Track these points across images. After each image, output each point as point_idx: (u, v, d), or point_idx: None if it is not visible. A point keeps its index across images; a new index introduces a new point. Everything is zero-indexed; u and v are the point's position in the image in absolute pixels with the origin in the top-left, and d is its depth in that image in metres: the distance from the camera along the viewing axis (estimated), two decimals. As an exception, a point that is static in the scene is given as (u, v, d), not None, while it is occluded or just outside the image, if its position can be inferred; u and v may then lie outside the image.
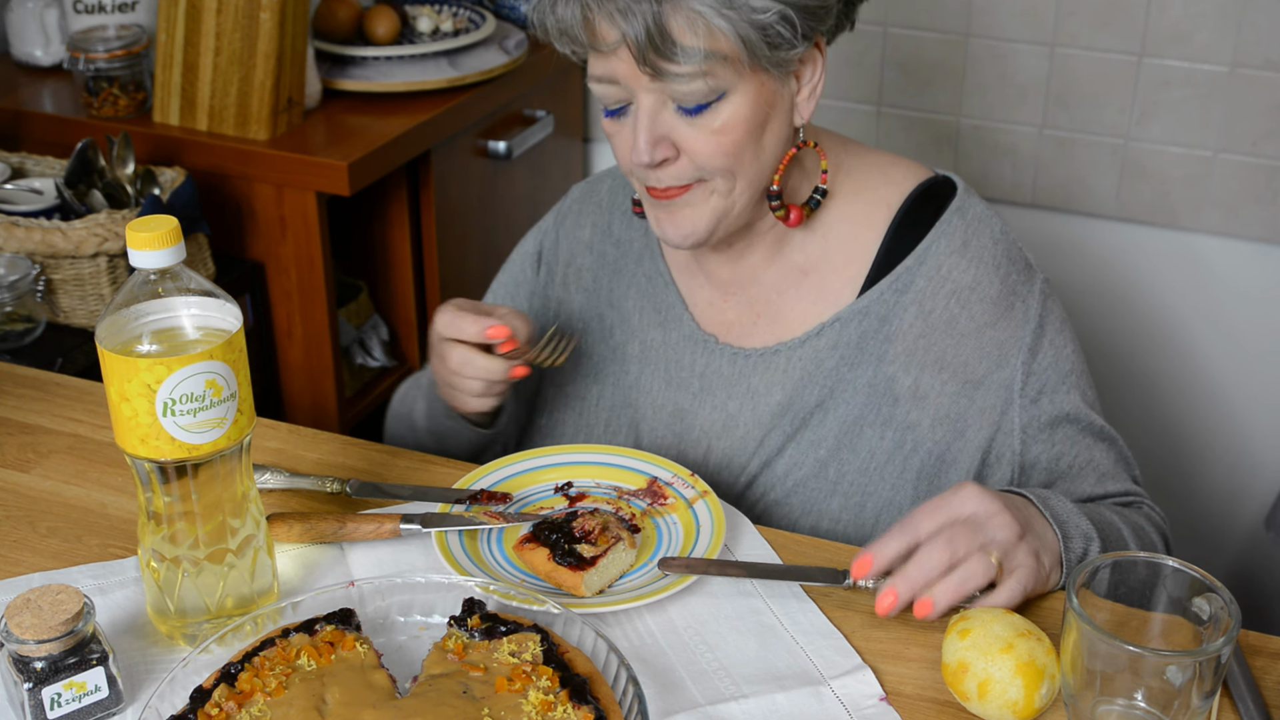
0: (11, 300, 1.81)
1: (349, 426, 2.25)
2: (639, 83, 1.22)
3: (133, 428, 0.99)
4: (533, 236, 1.57)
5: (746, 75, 1.22)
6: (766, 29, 1.19)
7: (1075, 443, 1.34)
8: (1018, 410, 1.33)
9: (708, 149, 1.24)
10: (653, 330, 1.44)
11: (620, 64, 1.21)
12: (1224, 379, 2.49)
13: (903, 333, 1.33)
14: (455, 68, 2.27)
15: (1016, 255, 1.36)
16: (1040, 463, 1.34)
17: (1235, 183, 2.35)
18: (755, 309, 1.40)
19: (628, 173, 1.31)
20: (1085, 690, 0.97)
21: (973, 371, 1.32)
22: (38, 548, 1.21)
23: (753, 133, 1.25)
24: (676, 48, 1.17)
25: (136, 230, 0.97)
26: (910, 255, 1.35)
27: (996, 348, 1.32)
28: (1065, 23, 2.36)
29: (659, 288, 1.45)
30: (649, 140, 1.23)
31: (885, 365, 1.33)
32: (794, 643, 1.09)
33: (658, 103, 1.23)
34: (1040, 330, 1.33)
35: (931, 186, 1.38)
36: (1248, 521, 2.54)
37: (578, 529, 1.16)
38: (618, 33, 1.19)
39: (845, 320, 1.35)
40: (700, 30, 1.17)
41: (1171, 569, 1.00)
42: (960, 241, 1.34)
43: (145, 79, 2.15)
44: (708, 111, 1.22)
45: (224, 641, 1.02)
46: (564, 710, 0.94)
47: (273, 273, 2.12)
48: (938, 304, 1.33)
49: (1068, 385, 1.34)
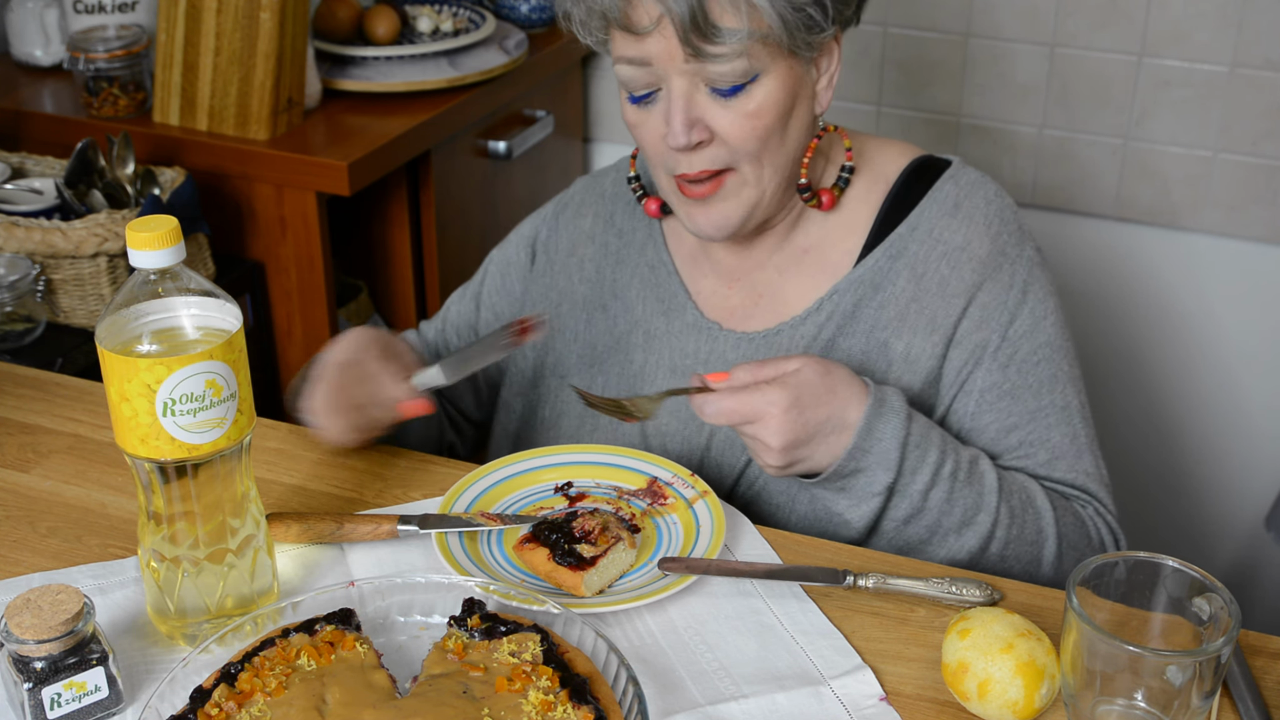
0: (11, 300, 1.81)
1: (349, 426, 2.25)
2: (673, 64, 1.23)
3: (133, 428, 0.99)
4: (530, 222, 1.58)
5: (779, 58, 1.24)
6: (803, 10, 1.21)
7: (1033, 418, 1.34)
8: (984, 371, 1.33)
9: (742, 131, 1.25)
10: (656, 319, 1.45)
11: (656, 45, 1.22)
12: (1224, 379, 2.49)
13: (895, 298, 1.35)
14: (455, 68, 2.27)
15: (1010, 218, 1.37)
16: (988, 431, 1.34)
17: (1235, 183, 2.35)
18: (758, 292, 1.42)
19: (654, 164, 1.31)
20: (1085, 690, 0.97)
21: (958, 331, 1.34)
22: (38, 548, 1.21)
23: (782, 117, 1.27)
24: (719, 28, 1.19)
25: (136, 230, 0.97)
26: (903, 223, 1.37)
27: (980, 309, 1.34)
28: (1065, 23, 2.36)
29: (662, 277, 1.46)
30: (684, 122, 1.24)
31: (879, 331, 1.35)
32: (794, 643, 1.09)
33: (690, 85, 1.24)
34: (1023, 296, 1.34)
35: (928, 161, 1.41)
36: (1248, 521, 2.54)
37: (578, 529, 1.16)
38: (658, 10, 1.20)
39: (841, 291, 1.37)
40: (742, 9, 1.19)
41: (1171, 569, 1.00)
42: (952, 204, 1.36)
43: (145, 79, 2.15)
44: (741, 94, 1.24)
45: (224, 641, 1.02)
46: (564, 710, 0.94)
47: (273, 273, 2.12)
48: (929, 267, 1.35)
49: (1039, 356, 1.34)
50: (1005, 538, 1.27)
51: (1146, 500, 2.60)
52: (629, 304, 1.47)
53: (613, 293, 1.48)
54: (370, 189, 2.22)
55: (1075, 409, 1.35)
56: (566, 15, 1.30)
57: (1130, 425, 2.55)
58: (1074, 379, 1.37)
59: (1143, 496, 2.60)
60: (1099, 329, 2.53)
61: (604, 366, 1.47)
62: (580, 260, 1.51)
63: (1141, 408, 2.54)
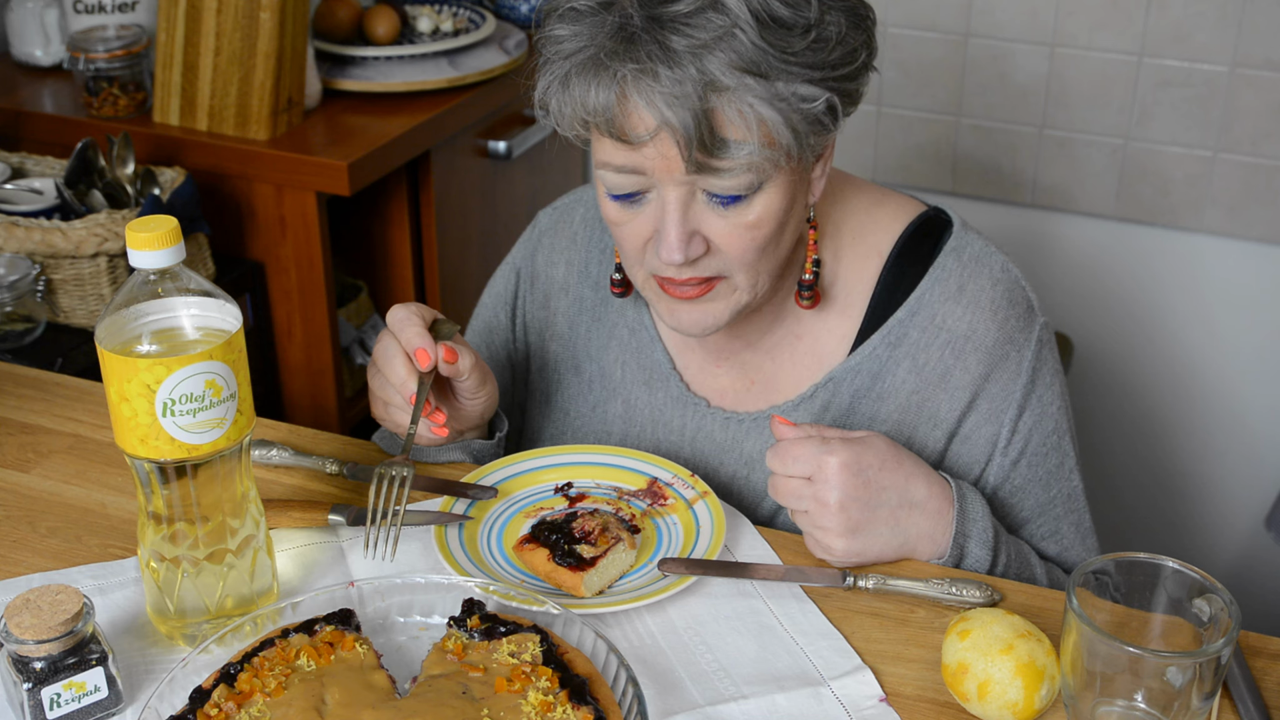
0: (11, 300, 1.81)
1: (349, 426, 2.25)
2: (670, 175, 1.12)
3: (132, 428, 0.99)
4: (503, 276, 1.47)
5: (784, 165, 1.14)
6: (815, 120, 1.11)
7: (1043, 511, 1.31)
8: (995, 468, 1.30)
9: (740, 243, 1.16)
10: (637, 388, 1.38)
11: (651, 154, 1.11)
12: (1224, 379, 2.49)
13: (895, 390, 1.29)
14: (455, 68, 2.27)
15: (1018, 297, 1.29)
16: (1003, 522, 1.31)
17: (1235, 183, 2.35)
18: (749, 374, 1.35)
19: (632, 261, 1.21)
20: (1085, 691, 0.97)
21: (963, 426, 1.29)
22: (38, 548, 1.21)
23: (782, 225, 1.17)
24: (726, 141, 1.09)
25: (136, 230, 0.97)
26: (903, 307, 1.28)
27: (988, 402, 1.28)
28: (1065, 23, 2.36)
29: (644, 343, 1.37)
30: (681, 237, 1.14)
31: (878, 426, 1.30)
32: (794, 643, 1.09)
33: (687, 194, 1.14)
34: (1031, 386, 1.29)
35: (923, 225, 1.31)
36: (1248, 521, 2.54)
37: (577, 529, 1.15)
38: (655, 121, 1.08)
39: (838, 380, 1.30)
40: (752, 122, 1.08)
41: (1171, 570, 1.00)
42: (955, 286, 1.28)
43: (145, 79, 2.15)
44: (741, 204, 1.14)
45: (224, 642, 1.02)
46: (563, 711, 0.94)
47: (273, 273, 2.12)
48: (931, 356, 1.28)
49: (1047, 447, 1.30)
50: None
51: (1147, 500, 2.60)
52: (606, 369, 1.39)
53: (587, 354, 1.40)
54: (370, 189, 2.22)
55: (1079, 493, 1.33)
56: (543, 105, 1.16)
57: (1130, 425, 2.55)
58: (1075, 457, 1.33)
59: (1143, 497, 2.60)
60: (1099, 329, 2.53)
61: (579, 437, 1.39)
62: (552, 314, 1.41)
63: (1142, 408, 2.54)
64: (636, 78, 1.08)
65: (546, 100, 1.16)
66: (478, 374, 1.25)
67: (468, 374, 1.24)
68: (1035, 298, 1.31)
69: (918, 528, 1.17)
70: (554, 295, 1.43)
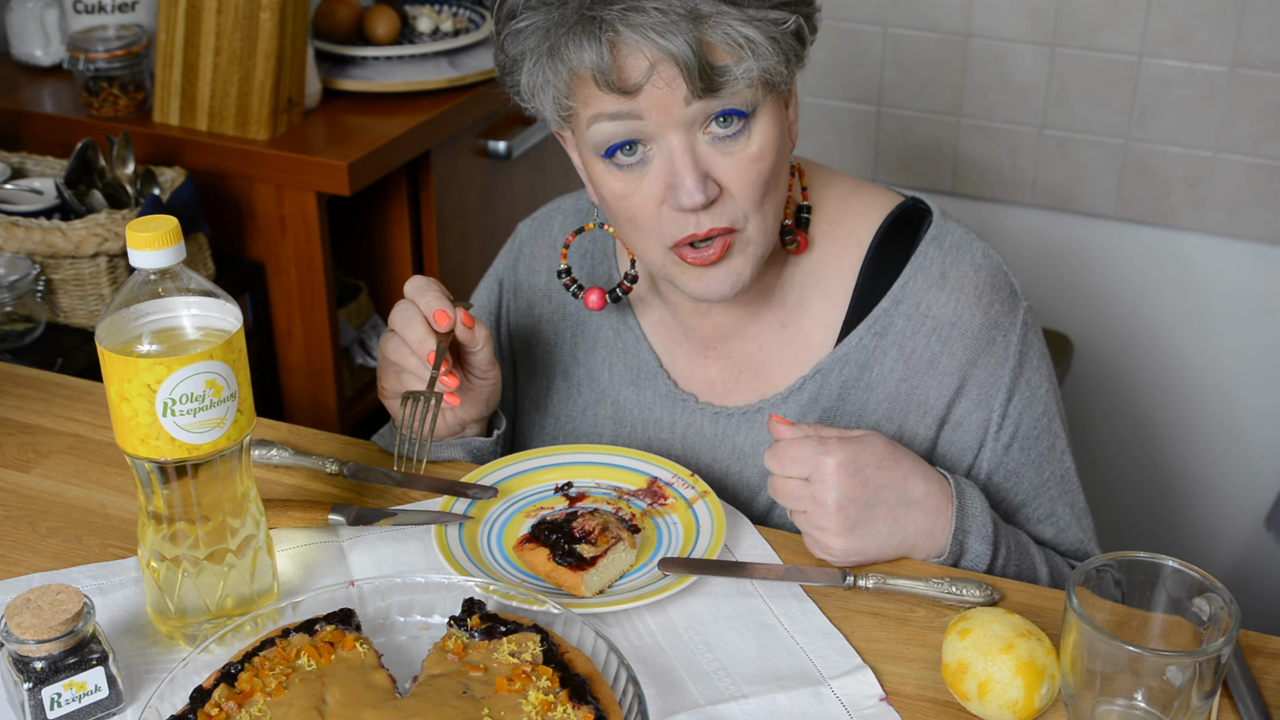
0: (11, 300, 1.81)
1: (349, 426, 2.25)
2: (668, 117, 1.14)
3: (133, 428, 0.99)
4: (487, 288, 1.48)
5: (768, 94, 1.16)
6: (786, 40, 1.14)
7: (1037, 494, 1.32)
8: (988, 454, 1.30)
9: (748, 177, 1.17)
10: (625, 389, 1.38)
11: (649, 98, 1.13)
12: (1224, 379, 2.49)
13: (884, 379, 1.29)
14: (455, 68, 2.27)
15: (1001, 282, 1.30)
16: (996, 510, 1.31)
17: (1235, 183, 2.35)
18: (737, 365, 1.35)
19: (645, 237, 1.21)
20: (1085, 690, 0.97)
21: (953, 413, 1.30)
22: (38, 548, 1.21)
23: (779, 157, 1.19)
24: (723, 67, 1.12)
25: (136, 230, 0.97)
26: (887, 295, 1.29)
27: (977, 387, 1.29)
28: (1065, 23, 2.36)
29: (629, 343, 1.38)
30: (697, 178, 1.15)
31: (868, 416, 1.30)
32: (794, 643, 1.09)
33: (689, 138, 1.15)
34: (1019, 370, 1.29)
35: (902, 215, 1.32)
36: (1248, 521, 2.54)
37: (578, 529, 1.16)
38: (653, 56, 1.11)
39: (826, 371, 1.31)
40: (740, 43, 1.12)
41: (1171, 569, 1.00)
42: (938, 274, 1.29)
43: (145, 79, 2.15)
44: (740, 138, 1.16)
45: (224, 641, 1.02)
46: (564, 710, 0.94)
47: (273, 273, 2.12)
48: (918, 344, 1.29)
49: (1038, 429, 1.30)
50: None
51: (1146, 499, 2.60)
52: (593, 372, 1.40)
53: (573, 358, 1.41)
54: (370, 189, 2.22)
55: (1072, 474, 1.34)
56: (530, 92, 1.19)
57: (1131, 424, 2.55)
58: (1066, 439, 1.33)
59: (1143, 496, 2.60)
60: (1099, 329, 2.53)
61: (569, 441, 1.41)
62: (536, 321, 1.43)
63: (1142, 407, 2.54)
64: (624, 15, 1.11)
65: (533, 85, 1.18)
66: (490, 349, 1.28)
67: (482, 345, 1.27)
68: (1018, 282, 1.32)
69: (917, 525, 1.18)
70: (537, 303, 1.44)
